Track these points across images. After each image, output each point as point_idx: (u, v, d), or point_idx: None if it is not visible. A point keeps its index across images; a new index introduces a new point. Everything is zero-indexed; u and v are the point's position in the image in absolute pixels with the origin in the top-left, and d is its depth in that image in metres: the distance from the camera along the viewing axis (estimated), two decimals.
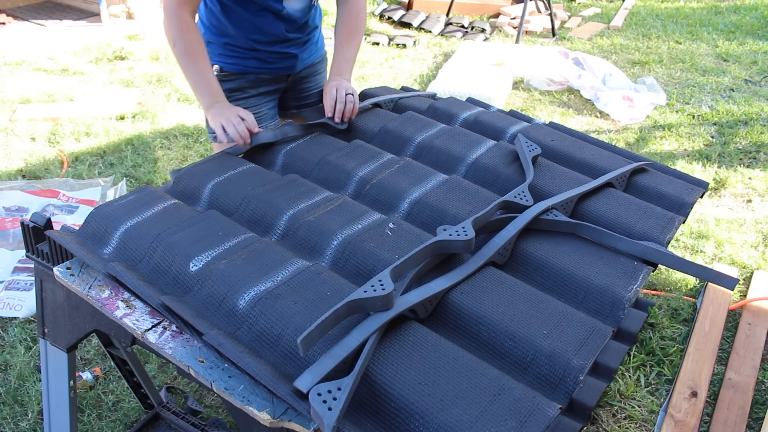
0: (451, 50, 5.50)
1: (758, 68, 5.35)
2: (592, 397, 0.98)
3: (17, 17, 5.58)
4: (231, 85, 1.83)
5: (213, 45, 1.80)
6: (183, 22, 1.56)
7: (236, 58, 1.81)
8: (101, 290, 1.11)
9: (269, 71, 1.86)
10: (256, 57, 1.81)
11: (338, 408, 0.81)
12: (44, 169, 3.38)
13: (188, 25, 1.58)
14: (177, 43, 1.58)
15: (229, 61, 1.81)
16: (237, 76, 1.83)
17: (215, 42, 1.80)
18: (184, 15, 1.56)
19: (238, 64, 1.81)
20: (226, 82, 1.81)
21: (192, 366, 0.97)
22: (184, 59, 1.59)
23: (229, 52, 1.80)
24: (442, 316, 1.05)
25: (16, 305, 2.40)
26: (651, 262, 1.21)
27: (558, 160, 1.54)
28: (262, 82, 1.87)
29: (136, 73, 4.63)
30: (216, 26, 1.77)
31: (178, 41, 1.57)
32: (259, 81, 1.86)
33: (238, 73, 1.83)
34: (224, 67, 1.82)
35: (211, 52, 1.80)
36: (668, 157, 3.85)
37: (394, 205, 1.33)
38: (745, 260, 2.88)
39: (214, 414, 2.03)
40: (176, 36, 1.57)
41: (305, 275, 1.08)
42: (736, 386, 2.18)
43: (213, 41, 1.80)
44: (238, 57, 1.80)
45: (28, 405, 2.03)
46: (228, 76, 1.82)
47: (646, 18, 6.75)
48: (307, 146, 1.53)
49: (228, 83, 1.82)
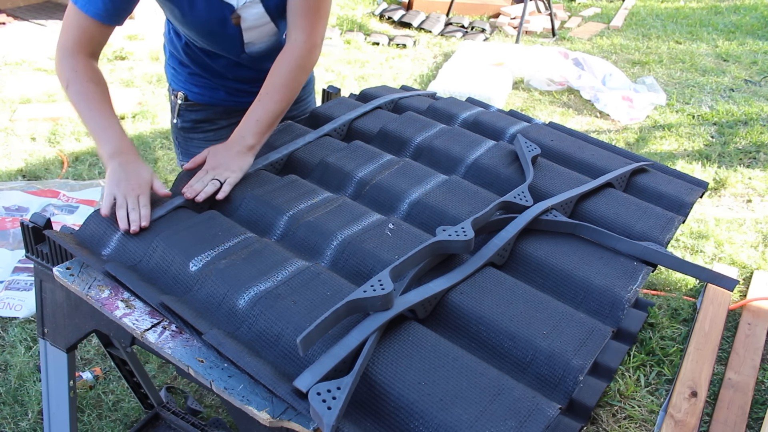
0: (451, 50, 5.50)
1: (758, 68, 5.35)
2: (592, 397, 0.98)
3: (17, 17, 5.58)
4: (197, 116, 1.65)
5: (178, 72, 1.62)
6: (78, 63, 1.31)
7: (203, 88, 1.61)
8: (101, 290, 1.11)
9: (240, 104, 1.61)
10: (225, 89, 1.62)
11: (338, 407, 0.81)
12: (44, 169, 3.38)
13: (84, 65, 1.32)
14: (71, 83, 1.30)
15: (195, 90, 1.62)
16: (204, 107, 1.64)
17: (180, 70, 1.62)
18: (80, 56, 1.32)
19: (205, 95, 1.62)
20: (192, 111, 1.64)
21: (191, 366, 0.97)
22: (80, 101, 1.29)
23: (195, 80, 1.61)
24: (442, 316, 1.05)
25: (16, 305, 2.40)
26: (650, 262, 1.21)
27: (558, 160, 1.54)
28: (232, 113, 1.66)
29: (136, 73, 4.63)
30: (178, 56, 1.59)
31: (72, 82, 1.30)
32: (227, 112, 1.66)
33: (205, 104, 1.63)
34: (190, 96, 1.62)
35: (177, 76, 1.63)
36: (668, 157, 3.85)
37: (394, 205, 1.33)
38: (745, 260, 2.88)
39: (214, 414, 2.03)
40: (70, 76, 1.31)
41: (305, 275, 1.08)
42: (736, 386, 2.18)
43: (177, 69, 1.62)
44: (205, 87, 1.61)
45: (28, 405, 2.03)
46: (194, 105, 1.63)
47: (646, 18, 6.75)
48: (307, 147, 1.53)
49: (194, 113, 1.64)
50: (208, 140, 1.70)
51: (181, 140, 1.74)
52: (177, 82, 1.65)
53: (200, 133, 1.69)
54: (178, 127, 1.71)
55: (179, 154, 1.78)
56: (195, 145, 1.71)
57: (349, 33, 5.79)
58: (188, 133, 1.71)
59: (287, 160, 1.49)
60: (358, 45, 5.57)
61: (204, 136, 1.69)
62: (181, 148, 1.75)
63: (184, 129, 1.70)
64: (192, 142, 1.72)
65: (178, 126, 1.70)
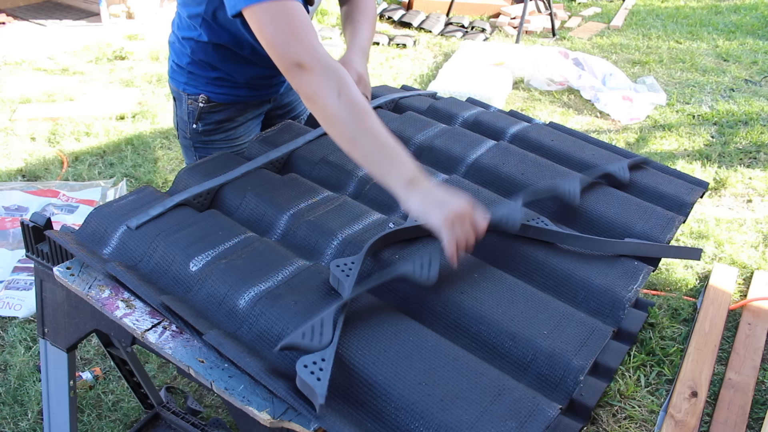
0: (451, 50, 5.50)
1: (758, 68, 5.35)
2: (592, 397, 0.98)
3: (17, 17, 5.57)
4: (220, 117, 1.66)
5: (197, 75, 1.62)
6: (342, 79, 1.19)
7: (226, 88, 1.64)
8: (101, 290, 1.11)
9: (257, 97, 1.70)
10: (248, 86, 1.65)
11: (326, 377, 0.85)
12: (44, 169, 3.38)
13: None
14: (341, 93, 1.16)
15: (218, 91, 1.63)
16: (226, 106, 1.66)
17: (201, 75, 1.62)
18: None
19: (229, 94, 1.64)
20: (215, 113, 1.65)
21: (192, 366, 0.97)
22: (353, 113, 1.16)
23: (218, 83, 1.63)
24: (442, 316, 1.05)
25: (16, 305, 2.40)
26: (634, 256, 1.21)
27: (558, 160, 1.54)
28: (250, 107, 1.72)
29: (136, 73, 4.63)
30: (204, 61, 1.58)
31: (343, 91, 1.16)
32: (247, 107, 1.71)
33: (227, 104, 1.66)
34: (212, 98, 1.63)
35: (195, 80, 1.63)
36: (668, 157, 3.85)
37: (395, 205, 1.32)
38: (745, 260, 2.88)
39: (214, 414, 2.03)
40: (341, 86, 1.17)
41: (305, 275, 1.08)
42: (736, 386, 2.18)
43: (197, 72, 1.61)
44: (228, 86, 1.64)
45: (28, 405, 2.03)
46: (216, 106, 1.65)
47: (646, 18, 6.75)
48: (308, 146, 1.53)
49: (216, 114, 1.66)
50: (229, 139, 1.70)
51: (199, 145, 1.71)
52: (196, 86, 1.63)
53: (221, 134, 1.69)
54: (198, 132, 1.68)
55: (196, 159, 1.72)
56: (216, 147, 1.70)
57: None
58: (210, 135, 1.69)
59: (288, 158, 1.49)
60: None
61: (225, 136, 1.69)
62: (199, 153, 1.72)
63: (206, 132, 1.68)
64: (213, 144, 1.70)
65: (199, 130, 1.68)
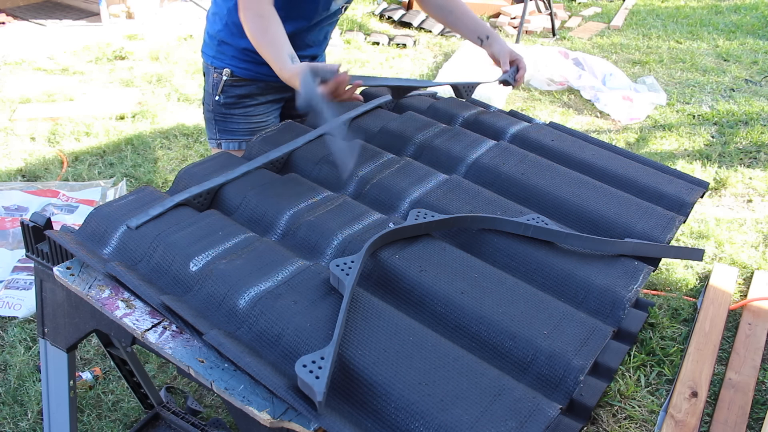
0: (451, 50, 5.50)
1: (759, 68, 5.35)
2: (592, 397, 0.98)
3: (17, 17, 5.57)
4: (241, 91, 1.79)
5: (227, 47, 1.75)
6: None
7: (250, 63, 1.75)
8: (101, 290, 1.11)
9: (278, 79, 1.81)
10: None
11: (325, 376, 0.84)
12: (44, 168, 3.38)
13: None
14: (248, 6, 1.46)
15: (242, 66, 1.76)
16: (248, 82, 1.78)
17: (231, 44, 1.74)
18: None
19: (252, 70, 1.76)
20: (237, 87, 1.78)
21: (192, 366, 0.97)
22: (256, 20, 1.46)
23: (243, 56, 1.75)
24: (443, 316, 1.05)
25: (16, 305, 2.40)
26: (639, 257, 1.21)
27: (558, 160, 1.54)
28: (270, 89, 1.83)
29: (136, 73, 4.63)
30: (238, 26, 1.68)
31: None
32: (268, 88, 1.82)
33: (249, 79, 1.78)
34: (235, 72, 1.77)
35: (222, 54, 1.76)
36: (668, 157, 3.85)
37: (395, 204, 1.32)
38: (745, 260, 2.88)
39: (214, 414, 2.03)
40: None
41: (305, 275, 1.08)
42: (736, 386, 2.18)
43: (229, 42, 1.74)
44: (252, 62, 1.75)
45: (28, 405, 2.03)
46: (239, 81, 1.78)
47: (647, 18, 6.75)
48: (307, 146, 1.53)
49: (239, 89, 1.78)
50: (248, 115, 1.84)
51: (219, 118, 1.84)
52: (222, 60, 1.77)
53: (241, 108, 1.81)
54: (221, 104, 1.81)
55: (215, 132, 1.87)
56: (234, 121, 1.83)
57: (349, 33, 5.79)
58: (230, 108, 1.82)
59: (288, 158, 1.49)
60: (359, 45, 5.57)
61: (244, 111, 1.80)
62: (219, 125, 1.86)
63: (227, 105, 1.81)
64: (232, 118, 1.83)
65: (221, 102, 1.81)
